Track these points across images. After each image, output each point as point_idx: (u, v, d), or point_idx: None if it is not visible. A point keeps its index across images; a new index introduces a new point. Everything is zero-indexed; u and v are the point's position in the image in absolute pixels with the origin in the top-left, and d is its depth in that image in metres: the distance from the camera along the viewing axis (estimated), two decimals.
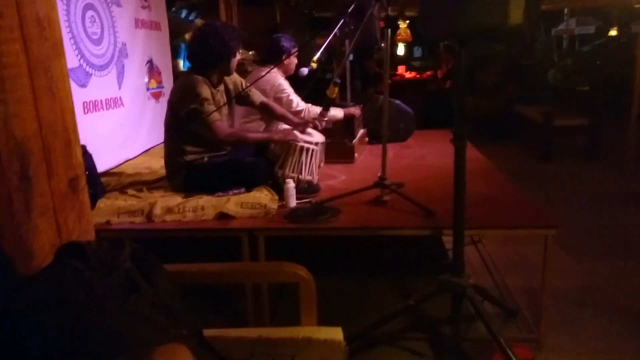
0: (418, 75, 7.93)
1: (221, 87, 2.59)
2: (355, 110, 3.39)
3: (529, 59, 8.38)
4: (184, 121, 2.41)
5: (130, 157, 3.49)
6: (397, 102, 3.89)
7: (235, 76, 2.70)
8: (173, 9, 7.17)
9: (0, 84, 1.51)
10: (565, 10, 9.91)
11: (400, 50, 9.49)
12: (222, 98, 2.58)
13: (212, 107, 2.39)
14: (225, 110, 2.59)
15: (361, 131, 3.64)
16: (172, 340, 1.29)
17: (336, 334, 1.52)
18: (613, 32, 9.92)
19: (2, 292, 1.01)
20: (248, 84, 2.75)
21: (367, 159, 3.39)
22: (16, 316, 1.04)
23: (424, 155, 3.44)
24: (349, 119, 3.32)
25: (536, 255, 2.19)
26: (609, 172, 5.00)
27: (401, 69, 8.07)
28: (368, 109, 3.83)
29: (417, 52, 11.72)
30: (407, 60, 9.42)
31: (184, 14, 7.13)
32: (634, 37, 6.31)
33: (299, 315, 1.59)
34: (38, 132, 1.70)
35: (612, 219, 3.73)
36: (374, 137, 3.76)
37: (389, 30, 2.36)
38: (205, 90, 2.40)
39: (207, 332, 1.50)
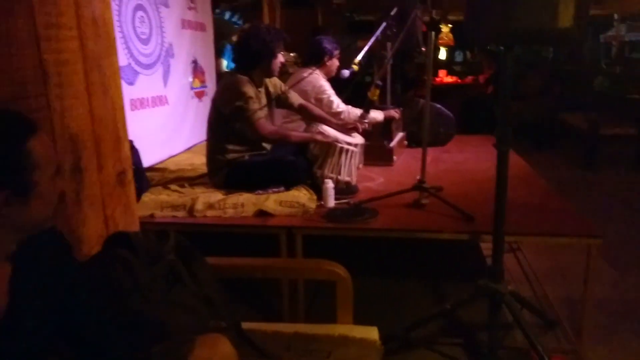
0: (459, 80, 7.83)
1: (262, 88, 2.64)
2: (395, 113, 3.38)
3: (575, 65, 8.15)
4: (228, 119, 2.47)
5: (174, 153, 3.58)
6: (438, 106, 3.86)
7: (275, 79, 2.75)
8: (217, 10, 7.33)
9: (57, 80, 1.58)
10: (615, 15, 9.58)
11: (442, 54, 9.40)
12: (263, 98, 2.63)
13: (256, 105, 2.44)
14: (265, 110, 2.64)
15: (400, 134, 3.63)
16: (212, 331, 1.33)
17: (372, 333, 1.53)
18: None
19: (65, 274, 1.06)
20: (287, 87, 2.79)
21: (405, 162, 3.38)
22: (75, 298, 1.09)
23: (464, 160, 3.40)
24: (388, 122, 3.32)
25: (577, 266, 2.14)
26: None
27: (442, 74, 7.99)
28: (408, 112, 3.82)
29: (459, 56, 11.56)
30: (448, 64, 9.31)
31: (227, 15, 7.28)
32: None
33: (334, 313, 1.61)
34: (90, 126, 1.78)
35: None
36: (413, 140, 3.75)
37: (433, 33, 2.35)
38: (250, 89, 2.45)
39: (245, 325, 1.54)
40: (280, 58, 2.63)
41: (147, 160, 3.03)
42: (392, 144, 3.31)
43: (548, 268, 2.96)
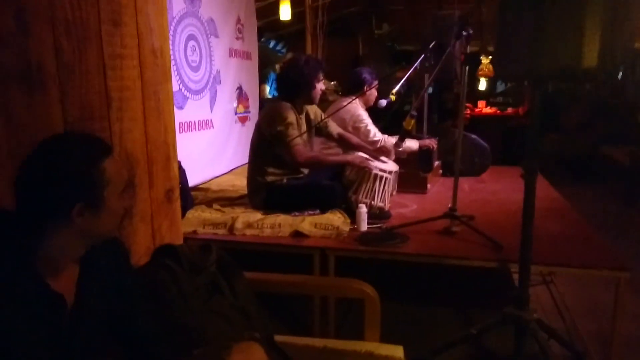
0: (499, 112, 7.83)
1: (303, 115, 2.78)
2: (430, 143, 3.46)
3: (618, 98, 8.02)
4: (269, 143, 2.62)
5: (217, 175, 3.76)
6: (474, 136, 3.92)
7: (315, 107, 2.89)
8: (262, 39, 7.63)
9: (118, 104, 1.76)
10: None
11: (482, 85, 9.42)
12: (304, 125, 2.77)
13: (295, 132, 2.59)
14: (305, 137, 2.78)
15: (436, 163, 3.70)
16: (247, 339, 1.43)
17: (397, 352, 1.60)
18: None
19: (123, 279, 1.20)
20: (327, 114, 2.93)
21: (439, 190, 3.44)
22: (128, 302, 1.22)
23: (498, 191, 3.44)
24: (424, 151, 3.40)
25: (611, 301, 2.15)
26: None
27: (481, 104, 8.00)
28: (444, 142, 3.89)
29: (500, 87, 11.53)
30: (488, 95, 9.30)
31: (272, 44, 7.57)
32: None
33: (362, 331, 1.69)
34: (144, 147, 1.95)
35: None
36: (448, 169, 3.81)
37: (467, 67, 2.44)
38: (291, 116, 2.60)
39: (277, 337, 1.63)
40: (321, 86, 2.78)
41: (192, 180, 3.21)
42: (429, 172, 3.38)
43: (581, 301, 2.94)
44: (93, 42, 1.63)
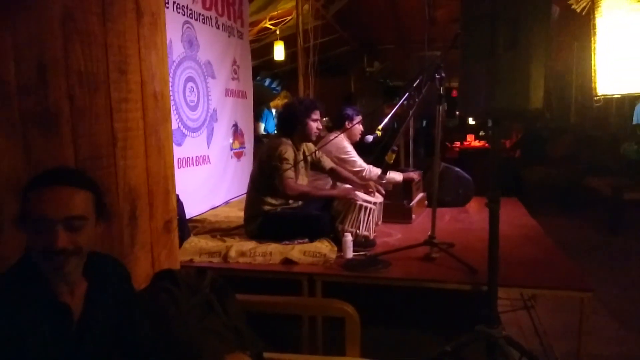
0: (486, 144, 8.09)
1: (300, 151, 3.02)
2: (414, 175, 3.66)
3: (603, 130, 8.30)
4: (267, 175, 2.83)
5: (213, 207, 3.94)
6: (457, 169, 4.12)
7: (310, 144, 3.14)
8: (258, 77, 7.95)
9: (123, 143, 1.97)
10: None
11: (472, 120, 9.73)
12: (299, 159, 2.99)
13: (288, 166, 2.79)
14: (302, 171, 3.00)
15: (421, 195, 3.89)
16: (238, 353, 1.59)
17: None
18: None
19: (126, 295, 1.37)
20: (315, 149, 3.15)
21: (424, 220, 3.62)
22: (131, 318, 1.38)
23: (480, 220, 3.61)
24: (407, 183, 3.60)
25: (588, 323, 2.30)
26: None
27: (470, 138, 8.28)
28: (430, 175, 4.09)
29: (489, 121, 11.85)
30: (478, 129, 9.59)
31: (267, 82, 7.88)
32: None
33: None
34: (146, 181, 2.15)
35: None
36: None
37: (441, 106, 2.66)
38: (289, 152, 2.82)
39: (267, 355, 1.79)
40: (317, 125, 3.01)
41: (189, 212, 3.39)
42: (412, 203, 3.57)
43: (559, 324, 3.09)
44: (102, 89, 1.85)
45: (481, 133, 9.40)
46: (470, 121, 9.73)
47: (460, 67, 1.82)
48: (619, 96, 1.49)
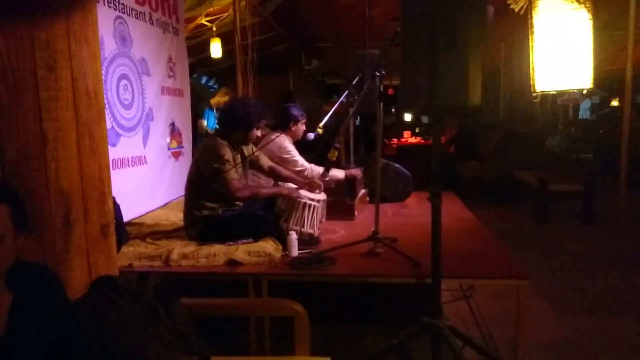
0: (422, 141, 8.33)
1: (239, 152, 2.95)
2: (356, 172, 3.70)
3: (529, 126, 8.77)
4: (206, 179, 2.74)
5: (151, 209, 3.81)
6: (397, 165, 4.21)
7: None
8: (194, 75, 7.78)
9: (54, 144, 1.86)
10: None
11: (408, 117, 9.98)
12: (238, 160, 2.93)
13: (230, 167, 2.73)
14: (240, 171, 2.94)
15: (362, 191, 3.95)
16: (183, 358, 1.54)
17: None
18: (615, 103, 10.54)
19: (58, 306, 1.27)
20: (257, 148, 3.10)
21: (366, 216, 3.67)
22: (65, 330, 1.30)
23: (420, 215, 3.72)
24: (350, 180, 3.63)
25: (525, 310, 2.42)
26: (602, 235, 5.22)
27: (407, 134, 8.49)
28: (370, 171, 4.15)
29: (425, 118, 12.21)
30: (414, 126, 9.86)
31: (204, 80, 7.72)
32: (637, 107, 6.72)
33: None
34: (80, 184, 2.04)
35: (600, 279, 3.92)
36: (374, 196, 4.05)
37: (382, 103, 2.70)
38: (228, 153, 2.75)
39: (215, 359, 1.74)
40: (257, 132, 2.96)
41: (126, 215, 3.25)
42: (354, 200, 3.61)
43: (497, 312, 3.23)
44: (28, 86, 1.73)
45: (417, 130, 9.68)
46: (406, 118, 9.99)
47: (401, 65, 1.85)
48: (555, 92, 1.57)
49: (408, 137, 8.45)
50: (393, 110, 11.44)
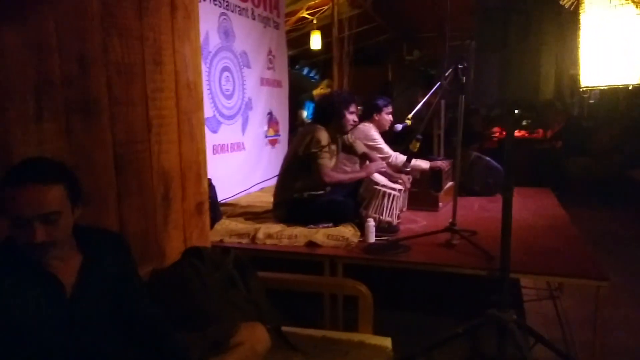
0: (527, 134, 7.93)
1: (338, 141, 3.16)
2: (442, 164, 3.70)
3: None
4: (301, 161, 2.95)
5: (247, 192, 4.11)
6: (488, 159, 4.12)
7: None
8: (297, 66, 8.08)
9: (158, 129, 2.13)
10: None
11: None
12: (336, 149, 3.10)
13: (326, 155, 2.90)
14: (334, 160, 3.12)
15: (450, 183, 3.93)
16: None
17: (386, 342, 1.85)
18: None
19: (125, 267, 1.42)
20: (352, 136, 3.28)
21: (451, 208, 3.65)
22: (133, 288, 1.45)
23: None
24: (435, 171, 3.64)
25: (611, 314, 2.34)
26: None
27: None
28: (462, 165, 4.11)
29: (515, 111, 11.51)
30: (520, 118, 9.34)
31: (305, 71, 7.99)
32: None
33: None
34: (179, 165, 2.31)
35: None
36: (463, 189, 4.02)
37: (462, 97, 2.69)
38: (325, 139, 2.92)
39: (285, 328, 1.92)
40: (353, 117, 3.10)
41: (223, 196, 3.56)
42: (440, 192, 3.62)
43: (585, 316, 3.09)
44: (138, 79, 2.01)
45: (524, 122, 9.20)
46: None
47: (473, 59, 1.87)
48: (604, 88, 1.51)
49: None
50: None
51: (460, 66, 2.53)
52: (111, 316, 1.33)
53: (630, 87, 1.47)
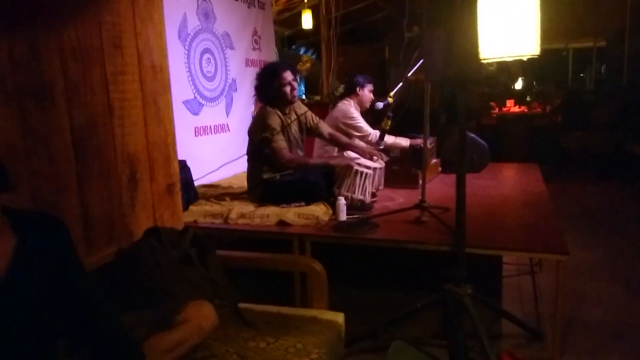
0: (526, 110, 7.84)
1: (292, 116, 3.11)
2: (421, 141, 3.69)
3: None
4: (258, 147, 2.96)
5: (230, 174, 4.14)
6: (473, 135, 4.09)
7: (306, 109, 3.22)
8: (294, 47, 8.04)
9: (120, 112, 2.16)
10: None
11: (519, 84, 9.33)
12: (294, 127, 3.10)
13: (279, 136, 2.91)
14: (297, 138, 3.11)
15: (434, 161, 3.93)
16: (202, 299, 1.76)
17: (338, 317, 1.89)
18: None
19: (62, 248, 1.36)
20: (316, 117, 3.25)
21: (433, 186, 3.66)
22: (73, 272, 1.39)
23: (488, 186, 3.62)
24: (415, 149, 3.64)
25: (591, 289, 2.38)
26: None
27: (510, 103, 8.03)
28: (449, 140, 4.10)
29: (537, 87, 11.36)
30: (523, 94, 9.23)
31: (302, 50, 7.95)
32: None
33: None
34: (145, 147, 2.34)
35: None
36: (446, 166, 4.02)
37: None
38: (275, 121, 2.93)
39: (242, 305, 1.97)
40: (291, 85, 3.03)
41: (209, 178, 3.61)
42: (420, 169, 3.62)
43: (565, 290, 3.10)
44: (97, 64, 2.03)
45: (528, 98, 9.09)
46: (517, 85, 9.39)
47: (422, 35, 1.87)
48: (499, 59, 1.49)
49: (511, 106, 7.99)
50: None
51: None
52: (49, 299, 1.31)
53: (525, 59, 1.46)
